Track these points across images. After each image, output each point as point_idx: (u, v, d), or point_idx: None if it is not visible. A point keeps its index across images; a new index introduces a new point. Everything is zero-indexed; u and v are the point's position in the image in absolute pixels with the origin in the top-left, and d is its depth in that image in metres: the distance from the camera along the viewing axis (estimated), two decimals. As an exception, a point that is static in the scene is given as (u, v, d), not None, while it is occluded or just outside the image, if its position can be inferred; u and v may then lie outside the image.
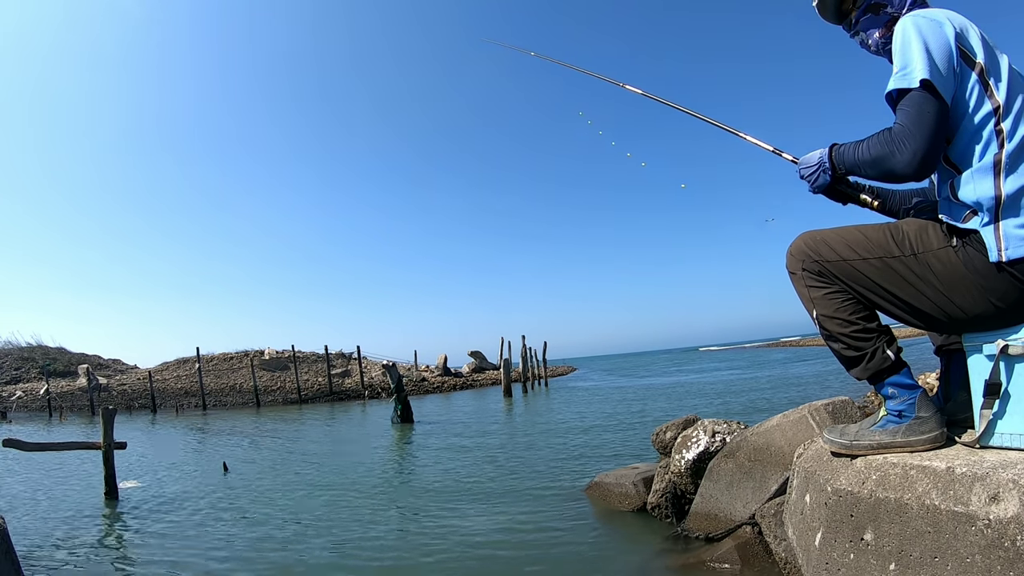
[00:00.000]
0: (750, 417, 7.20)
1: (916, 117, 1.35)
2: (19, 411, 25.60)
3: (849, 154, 1.51)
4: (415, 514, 4.55)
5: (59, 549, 4.07)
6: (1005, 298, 1.35)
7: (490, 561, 3.31)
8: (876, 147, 1.42)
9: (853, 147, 1.50)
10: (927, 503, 1.27)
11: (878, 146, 1.42)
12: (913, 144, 1.34)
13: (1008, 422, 1.36)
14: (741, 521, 2.88)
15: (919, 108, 1.35)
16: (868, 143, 1.45)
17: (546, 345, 29.74)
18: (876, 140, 1.43)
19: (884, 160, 1.40)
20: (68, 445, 6.70)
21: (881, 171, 1.43)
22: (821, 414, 2.75)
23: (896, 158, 1.37)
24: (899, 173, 1.39)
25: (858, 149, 1.48)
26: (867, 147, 1.45)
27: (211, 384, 27.60)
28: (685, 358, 56.49)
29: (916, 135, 1.34)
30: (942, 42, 1.38)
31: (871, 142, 1.44)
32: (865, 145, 1.46)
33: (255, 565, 3.49)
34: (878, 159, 1.42)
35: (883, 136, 1.41)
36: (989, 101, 1.36)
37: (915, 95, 1.36)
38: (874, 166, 1.44)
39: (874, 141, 1.43)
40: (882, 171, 1.43)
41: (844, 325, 1.53)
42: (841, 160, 1.54)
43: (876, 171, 1.45)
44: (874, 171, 1.45)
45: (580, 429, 9.43)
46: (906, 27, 1.44)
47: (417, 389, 25.61)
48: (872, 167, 1.45)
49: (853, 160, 1.50)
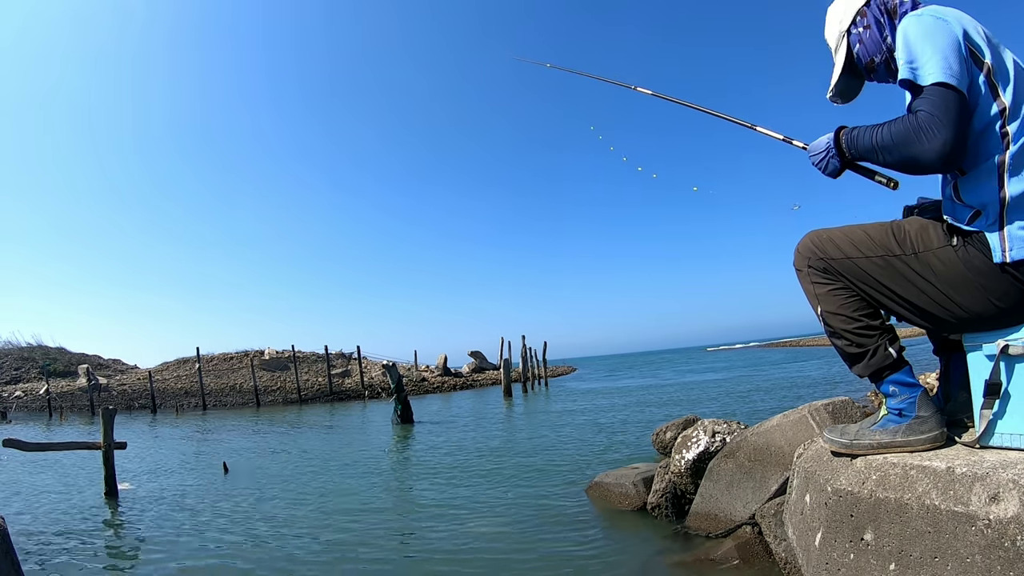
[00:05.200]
0: (750, 417, 7.20)
1: (943, 106, 1.28)
2: (19, 411, 25.61)
3: (865, 138, 1.43)
4: (415, 514, 4.55)
5: (59, 549, 4.07)
6: (1006, 298, 1.35)
7: (490, 561, 3.30)
8: (900, 132, 1.33)
9: (870, 131, 1.42)
10: (927, 503, 1.27)
11: (903, 131, 1.33)
12: (943, 133, 1.26)
13: (1008, 422, 1.36)
14: (741, 521, 2.88)
15: (945, 98, 1.29)
16: (889, 127, 1.37)
17: (546, 345, 29.76)
18: (900, 124, 1.34)
19: (909, 146, 1.32)
20: (68, 445, 6.70)
21: (902, 157, 1.35)
22: (821, 414, 2.76)
23: (924, 145, 1.29)
24: (924, 161, 1.31)
25: (876, 133, 1.39)
26: (888, 131, 1.36)
27: (211, 384, 27.59)
28: (690, 358, 56.46)
29: (946, 124, 1.27)
30: (951, 39, 1.34)
31: (893, 126, 1.36)
32: (886, 129, 1.37)
33: (255, 565, 3.49)
34: (901, 144, 1.33)
35: (908, 121, 1.33)
36: (996, 103, 1.34)
37: (938, 88, 1.30)
38: (895, 152, 1.35)
39: (897, 126, 1.35)
40: (904, 157, 1.35)
41: (847, 322, 1.54)
42: (854, 144, 1.46)
43: (896, 157, 1.36)
44: (893, 157, 1.37)
45: (580, 429, 9.42)
46: (911, 24, 1.40)
47: (417, 389, 25.59)
48: (892, 153, 1.36)
49: (869, 144, 1.42)
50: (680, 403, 12.85)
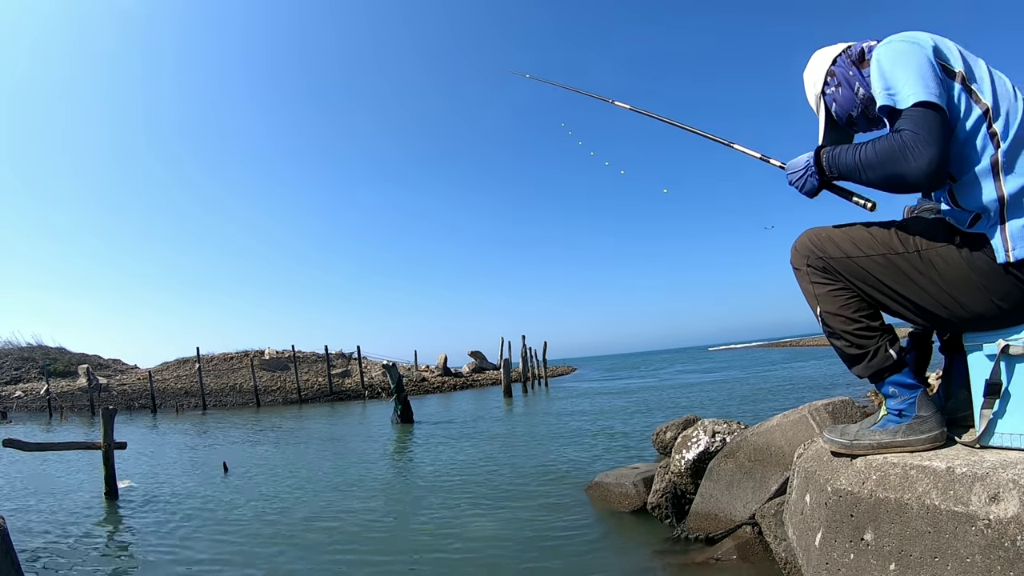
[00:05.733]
0: (750, 417, 7.21)
1: (926, 125, 1.30)
2: (19, 411, 25.61)
3: (847, 156, 1.44)
4: (415, 514, 4.55)
5: (59, 549, 4.07)
6: (1007, 298, 1.35)
7: (490, 561, 3.31)
8: (885, 150, 1.34)
9: (852, 149, 1.43)
10: (927, 503, 1.27)
11: (888, 149, 1.34)
12: (929, 150, 1.28)
13: (1008, 422, 1.36)
14: (741, 521, 2.88)
15: (926, 117, 1.30)
16: (874, 145, 1.38)
17: (546, 345, 29.77)
18: (884, 143, 1.35)
19: (895, 163, 1.33)
20: (68, 445, 6.72)
21: (888, 175, 1.35)
22: (821, 414, 2.75)
23: (911, 162, 1.30)
24: (911, 178, 1.31)
25: (860, 151, 1.41)
26: (872, 150, 1.37)
27: (211, 384, 27.59)
28: (691, 358, 56.45)
29: (930, 141, 1.28)
30: (922, 60, 1.36)
31: (878, 144, 1.37)
32: (870, 147, 1.38)
33: (255, 565, 3.49)
34: (887, 162, 1.34)
35: (892, 139, 1.34)
36: (977, 106, 1.35)
37: (918, 108, 1.32)
38: (880, 169, 1.36)
39: (882, 144, 1.36)
40: (889, 175, 1.35)
41: (847, 323, 1.53)
42: (835, 162, 1.47)
43: (881, 175, 1.37)
44: (878, 175, 1.37)
45: (580, 429, 9.42)
46: (883, 53, 1.42)
47: (417, 389, 25.60)
48: (877, 170, 1.37)
49: (852, 162, 1.42)
50: (680, 403, 12.85)
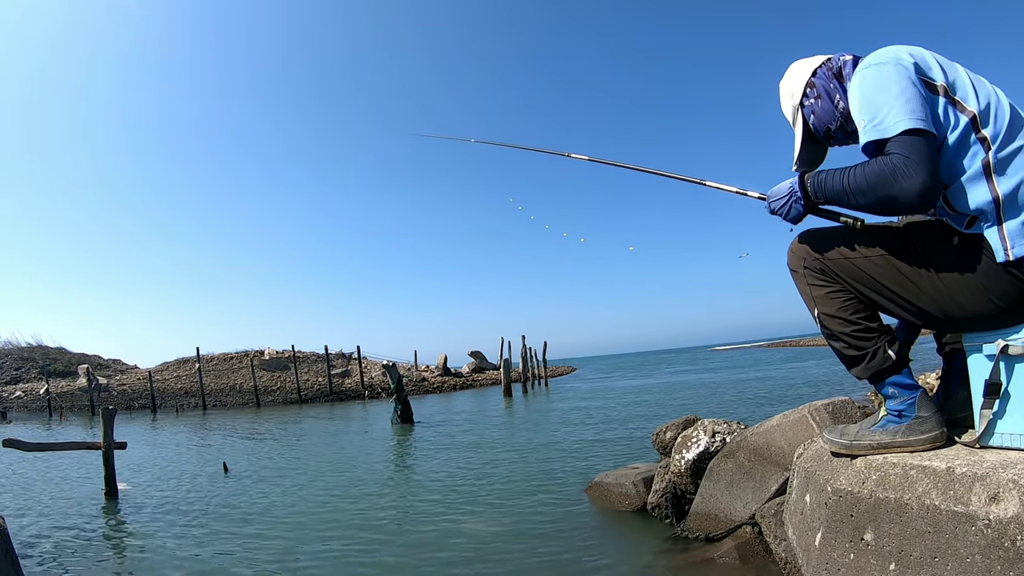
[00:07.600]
0: (750, 417, 7.21)
1: (916, 150, 1.29)
2: (19, 411, 25.62)
3: (834, 181, 1.42)
4: (415, 514, 4.54)
5: (59, 549, 4.07)
6: (1006, 298, 1.35)
7: (490, 561, 3.30)
8: (876, 174, 1.32)
9: (839, 174, 1.41)
10: (927, 503, 1.27)
11: (878, 173, 1.32)
12: (921, 174, 1.26)
13: (1008, 422, 1.36)
14: (741, 521, 2.88)
15: (916, 143, 1.29)
16: (863, 169, 1.36)
17: (546, 345, 29.77)
18: (875, 167, 1.33)
19: (886, 187, 1.31)
20: (68, 445, 6.71)
21: (879, 199, 1.33)
22: (821, 414, 2.75)
23: (903, 185, 1.28)
24: (903, 201, 1.30)
25: (847, 175, 1.39)
26: (862, 174, 1.35)
27: (211, 384, 27.60)
28: (691, 358, 56.44)
29: (921, 165, 1.27)
30: (904, 82, 1.35)
31: (867, 168, 1.35)
32: (859, 172, 1.36)
33: (255, 565, 3.49)
34: (878, 186, 1.32)
35: (883, 163, 1.32)
36: (963, 115, 1.35)
37: (906, 135, 1.31)
38: (870, 193, 1.34)
39: (872, 168, 1.34)
40: (881, 199, 1.33)
41: (845, 324, 1.53)
42: (821, 187, 1.45)
43: (871, 199, 1.35)
44: (868, 199, 1.36)
45: (580, 429, 9.42)
46: (861, 82, 1.41)
47: (417, 389, 25.61)
48: (868, 195, 1.35)
49: (840, 187, 1.40)
50: (680, 403, 12.85)
